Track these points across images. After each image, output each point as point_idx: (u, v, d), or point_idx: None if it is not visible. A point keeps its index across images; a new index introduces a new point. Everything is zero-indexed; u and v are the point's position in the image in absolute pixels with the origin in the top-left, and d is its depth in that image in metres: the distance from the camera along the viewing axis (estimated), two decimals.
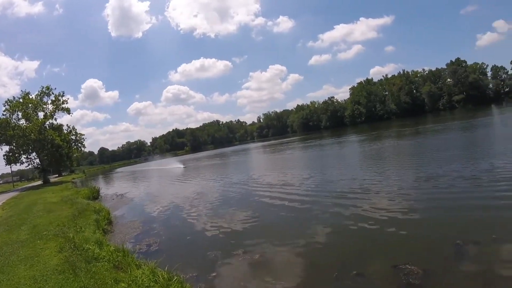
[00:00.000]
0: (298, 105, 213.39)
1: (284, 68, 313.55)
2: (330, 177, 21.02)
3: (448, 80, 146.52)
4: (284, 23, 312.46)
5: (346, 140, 60.25)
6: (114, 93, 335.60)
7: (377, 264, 8.39)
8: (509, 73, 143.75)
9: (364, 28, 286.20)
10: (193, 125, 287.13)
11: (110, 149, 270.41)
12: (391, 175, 18.48)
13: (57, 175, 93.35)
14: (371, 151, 34.40)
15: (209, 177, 34.40)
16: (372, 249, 9.35)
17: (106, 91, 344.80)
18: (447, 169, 16.99)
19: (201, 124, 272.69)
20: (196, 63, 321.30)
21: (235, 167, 44.45)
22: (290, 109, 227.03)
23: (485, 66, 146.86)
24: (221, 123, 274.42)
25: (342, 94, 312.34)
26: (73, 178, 76.73)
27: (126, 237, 14.34)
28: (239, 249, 10.63)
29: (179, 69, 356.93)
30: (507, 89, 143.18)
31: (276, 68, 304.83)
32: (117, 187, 42.94)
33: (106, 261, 9.11)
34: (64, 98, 60.19)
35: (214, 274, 9.07)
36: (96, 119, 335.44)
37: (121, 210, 22.20)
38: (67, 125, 68.96)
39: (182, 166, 53.48)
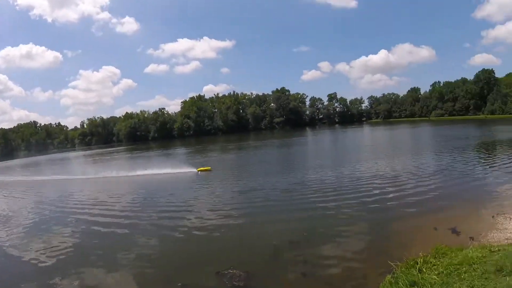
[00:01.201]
0: (127, 113, 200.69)
1: (118, 71, 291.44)
2: (152, 192, 20.54)
3: (272, 104, 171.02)
4: (130, 25, 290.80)
5: (174, 152, 60.50)
6: None
7: (202, 272, 8.65)
8: (324, 104, 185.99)
9: (205, 47, 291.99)
10: (6, 125, 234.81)
11: None
12: (212, 187, 19.38)
13: None
14: (194, 165, 35.16)
15: (17, 194, 28.12)
16: (196, 260, 9.59)
17: None
18: (264, 181, 19.04)
19: (15, 125, 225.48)
20: (23, 48, 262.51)
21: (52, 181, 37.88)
22: (118, 116, 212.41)
23: (305, 96, 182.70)
24: (38, 125, 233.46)
25: (174, 106, 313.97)
26: None
27: None
28: (56, 276, 9.24)
29: (2, 52, 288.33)
30: (321, 116, 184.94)
31: (110, 70, 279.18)
32: None
33: None
34: None
35: None
36: None
37: None
38: None
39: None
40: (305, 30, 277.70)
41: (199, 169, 27.58)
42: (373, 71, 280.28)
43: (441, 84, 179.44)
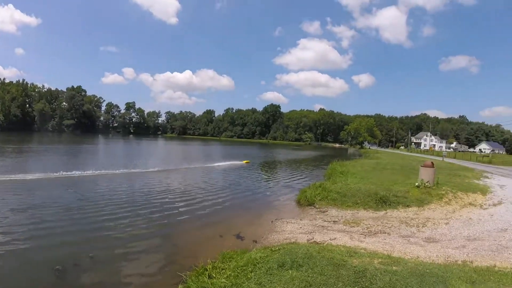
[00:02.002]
0: None
1: None
2: None
3: (64, 103, 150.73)
4: None
5: None
6: None
7: None
8: (121, 111, 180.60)
9: (6, 16, 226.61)
10: None
11: None
12: None
13: None
14: None
15: None
16: None
17: None
18: (44, 197, 15.77)
19: None
20: None
21: None
22: None
23: (102, 101, 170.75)
24: None
25: None
26: None
27: None
28: None
29: None
30: (116, 124, 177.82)
31: None
32: None
33: None
34: None
35: None
36: None
37: None
38: None
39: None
40: (119, 31, 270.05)
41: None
42: (175, 88, 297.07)
43: (234, 110, 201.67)
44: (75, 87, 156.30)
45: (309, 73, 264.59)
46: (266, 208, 15.44)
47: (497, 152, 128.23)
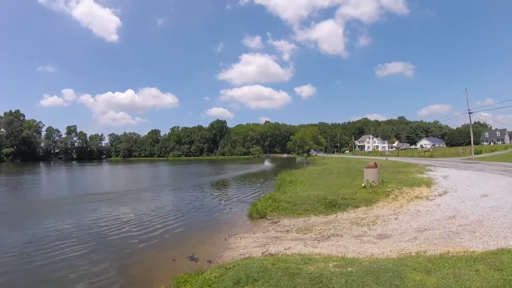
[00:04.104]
0: None
1: None
2: None
3: (2, 130, 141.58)
4: None
5: None
6: None
7: None
8: (62, 136, 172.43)
9: None
10: None
11: None
12: None
13: None
14: None
15: None
16: None
17: None
18: None
19: None
20: None
21: None
22: None
23: (41, 125, 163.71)
24: None
25: None
26: None
27: None
28: None
29: None
30: (57, 150, 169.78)
31: None
32: None
33: None
34: None
35: None
36: None
37: None
38: None
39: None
40: (57, 49, 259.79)
41: None
42: (118, 108, 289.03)
43: (180, 129, 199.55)
44: (13, 111, 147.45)
45: (253, 87, 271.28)
46: (219, 225, 15.17)
47: (437, 146, 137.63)
